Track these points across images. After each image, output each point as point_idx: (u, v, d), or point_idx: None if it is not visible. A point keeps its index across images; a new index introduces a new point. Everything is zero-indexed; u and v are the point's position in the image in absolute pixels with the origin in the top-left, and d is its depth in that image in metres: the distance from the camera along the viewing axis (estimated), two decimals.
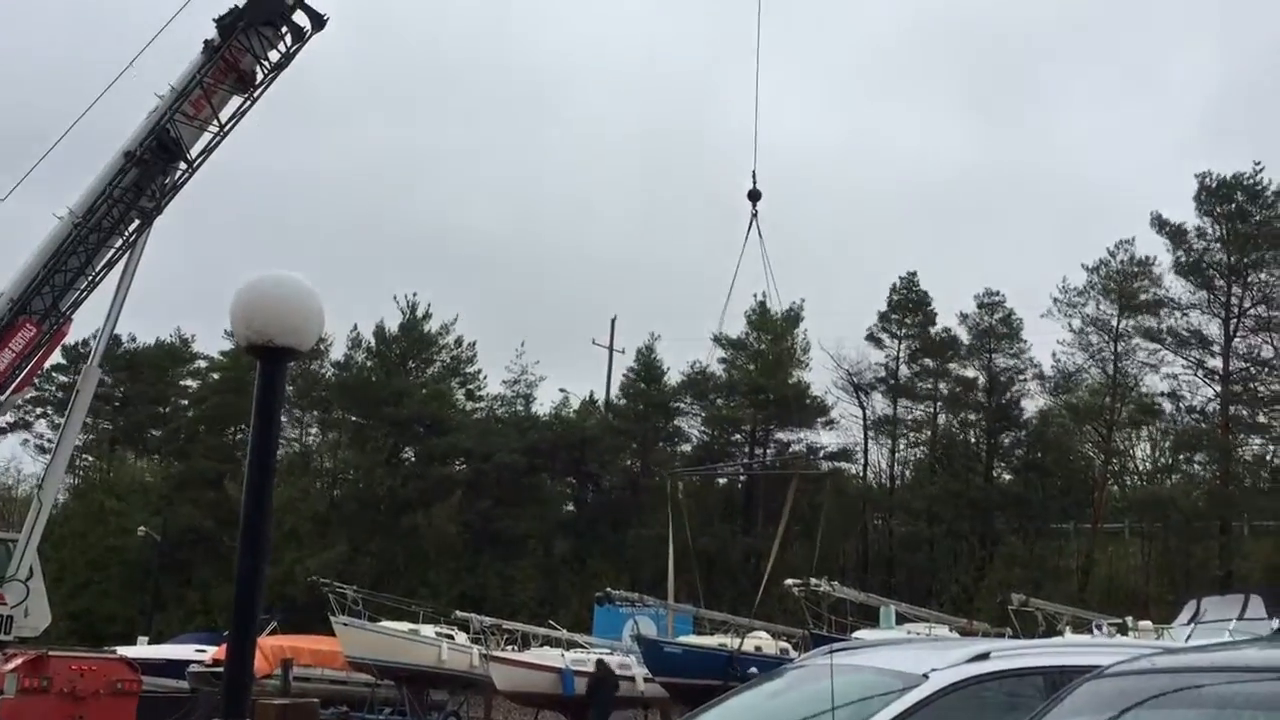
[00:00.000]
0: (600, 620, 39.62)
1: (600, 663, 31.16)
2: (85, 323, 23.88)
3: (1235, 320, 47.58)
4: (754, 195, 24.50)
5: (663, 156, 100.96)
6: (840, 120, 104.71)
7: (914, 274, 54.81)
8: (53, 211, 21.59)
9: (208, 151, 22.38)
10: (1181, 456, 50.98)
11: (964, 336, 53.15)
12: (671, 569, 37.34)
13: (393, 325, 60.15)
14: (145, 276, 61.50)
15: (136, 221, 22.04)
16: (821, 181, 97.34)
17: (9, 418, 56.69)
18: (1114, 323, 49.28)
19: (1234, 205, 47.29)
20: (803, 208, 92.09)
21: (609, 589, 36.90)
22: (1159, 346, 49.07)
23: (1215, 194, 47.55)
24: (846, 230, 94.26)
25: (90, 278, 21.93)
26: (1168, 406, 49.85)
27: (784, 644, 33.70)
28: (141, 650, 37.36)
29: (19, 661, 19.59)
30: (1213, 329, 48.18)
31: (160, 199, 22.12)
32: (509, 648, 34.95)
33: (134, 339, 64.51)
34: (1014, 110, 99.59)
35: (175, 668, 33.95)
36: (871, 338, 54.14)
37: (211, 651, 35.08)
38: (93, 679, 20.06)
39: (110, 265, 22.02)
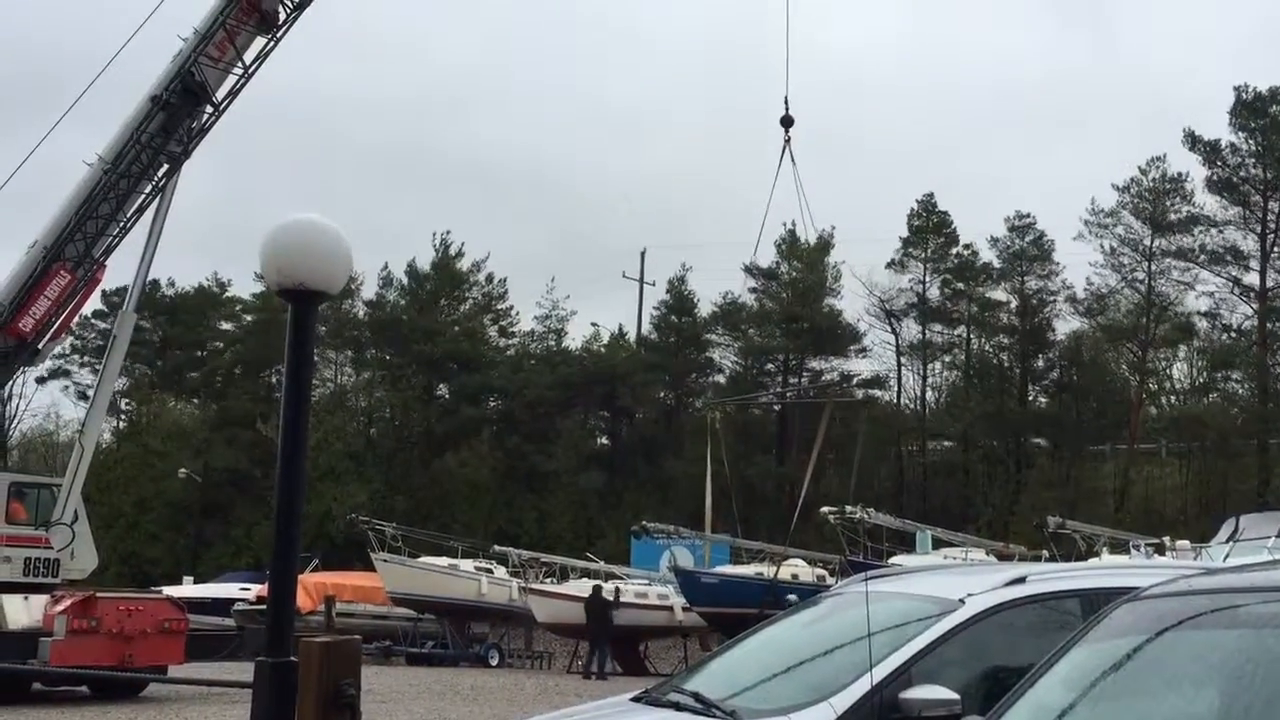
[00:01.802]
0: (637, 552, 39.94)
1: (596, 588, 31.54)
2: (123, 269, 23.96)
3: (1272, 235, 46.96)
4: (787, 121, 24.15)
5: (715, 75, 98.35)
6: (894, 27, 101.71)
7: (931, 195, 54.33)
8: (82, 159, 21.71)
9: (234, 94, 22.31)
10: (1218, 375, 50.63)
11: (994, 260, 52.76)
12: (709, 499, 37.51)
13: (424, 263, 60.38)
14: (187, 219, 61.70)
15: (165, 166, 22.06)
16: (866, 97, 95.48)
17: (48, 365, 57.34)
18: (1147, 242, 48.75)
19: (1268, 119, 46.47)
20: (842, 125, 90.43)
21: (644, 522, 37.12)
22: (1193, 265, 48.56)
23: (1251, 107, 46.73)
24: (884, 150, 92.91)
25: (122, 224, 22.00)
26: (1204, 325, 49.48)
27: (821, 571, 33.91)
28: (187, 590, 38.01)
29: (68, 603, 19.93)
30: (1249, 245, 47.62)
31: (188, 143, 22.11)
32: (547, 581, 35.32)
33: (173, 284, 65.00)
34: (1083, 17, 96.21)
35: (220, 606, 34.55)
36: (894, 264, 53.83)
37: (255, 589, 35.66)
38: (140, 619, 20.40)
39: (141, 211, 22.07)
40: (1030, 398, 53.38)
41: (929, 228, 53.77)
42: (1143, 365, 49.72)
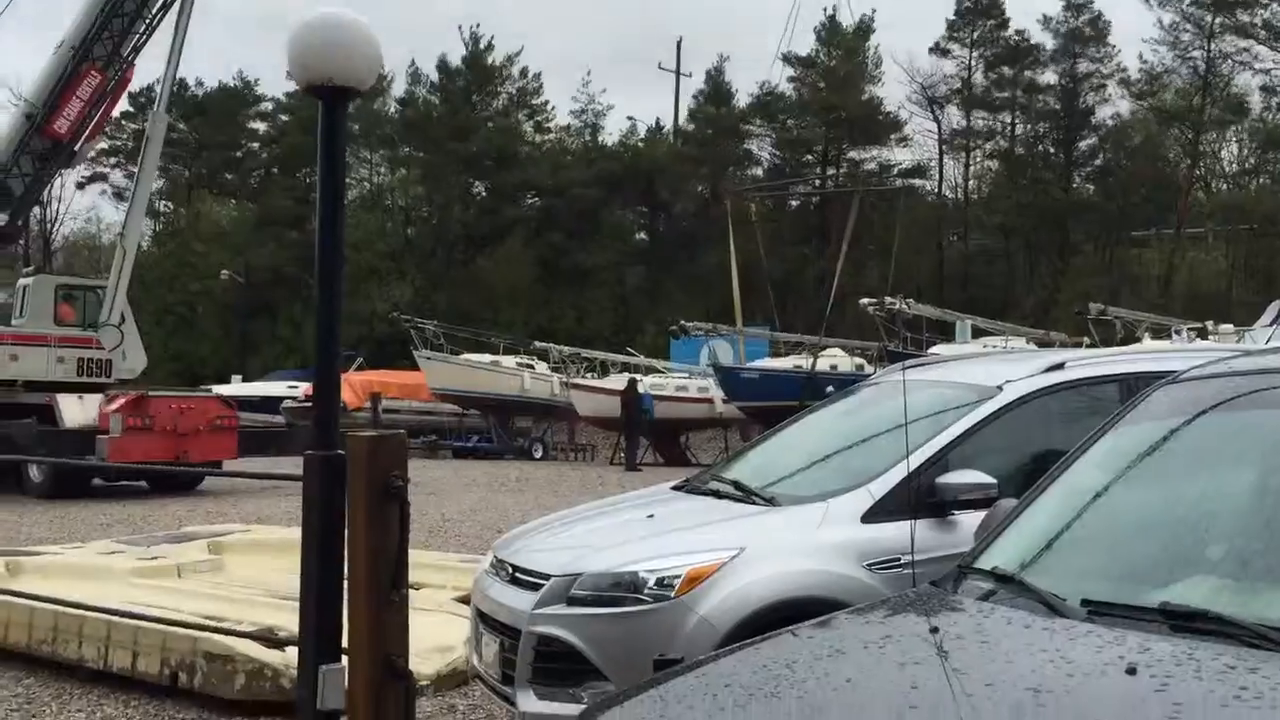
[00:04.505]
0: (676, 347, 40.18)
1: (631, 381, 31.88)
2: (151, 70, 23.67)
3: None
4: None
5: None
6: None
7: None
8: None
9: None
10: (1269, 156, 49.51)
11: (1047, 42, 51.09)
12: (737, 291, 37.24)
13: (455, 59, 59.35)
14: (216, 13, 59.82)
15: None
16: None
17: (84, 169, 57.34)
18: (1207, 18, 47.03)
19: None
20: None
21: (682, 321, 37.08)
22: (1253, 41, 46.94)
23: None
24: None
25: (148, 20, 21.71)
26: (1258, 105, 48.14)
27: (860, 360, 34.09)
28: (236, 388, 38.73)
29: (121, 402, 20.44)
30: None
31: None
32: (588, 375, 35.72)
33: (201, 84, 64.28)
34: None
35: (270, 404, 35.26)
36: (938, 49, 52.24)
37: (303, 387, 36.32)
38: (192, 416, 20.93)
39: (166, 7, 21.74)
40: (1075, 184, 52.48)
41: (978, 9, 51.94)
42: (1194, 148, 48.61)
